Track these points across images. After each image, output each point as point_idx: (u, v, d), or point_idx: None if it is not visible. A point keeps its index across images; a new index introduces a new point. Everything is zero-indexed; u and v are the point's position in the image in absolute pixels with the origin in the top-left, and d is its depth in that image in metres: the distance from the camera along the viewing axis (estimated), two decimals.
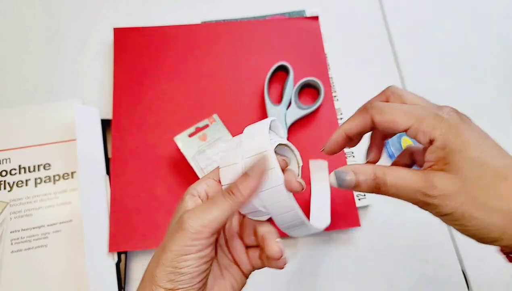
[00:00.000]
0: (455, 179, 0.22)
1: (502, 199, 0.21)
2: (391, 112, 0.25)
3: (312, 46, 0.57)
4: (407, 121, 0.25)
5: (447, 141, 0.23)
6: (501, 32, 0.62)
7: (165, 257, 0.24)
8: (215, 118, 0.50)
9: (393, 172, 0.25)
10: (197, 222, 0.24)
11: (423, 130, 0.24)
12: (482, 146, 0.23)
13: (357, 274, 0.48)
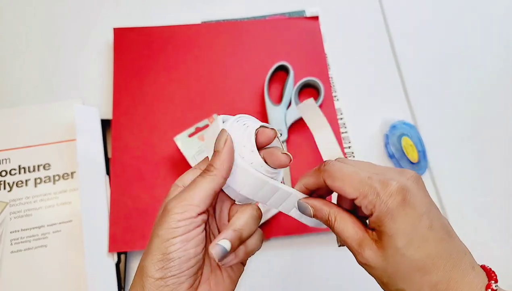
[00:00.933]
0: (380, 258, 0.25)
1: (412, 286, 0.24)
2: (341, 179, 0.27)
3: (312, 46, 0.57)
4: (353, 193, 0.26)
5: (381, 223, 0.25)
6: (501, 32, 0.62)
7: (152, 245, 0.24)
8: (215, 118, 0.50)
9: (340, 222, 0.28)
10: (180, 203, 0.24)
11: (365, 205, 0.26)
12: (410, 235, 0.24)
13: (357, 273, 0.48)
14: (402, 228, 0.24)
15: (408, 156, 0.51)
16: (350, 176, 0.26)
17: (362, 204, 0.26)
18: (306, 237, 0.49)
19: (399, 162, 0.51)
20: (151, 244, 0.24)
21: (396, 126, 0.53)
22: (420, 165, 0.51)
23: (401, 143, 0.51)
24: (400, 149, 0.51)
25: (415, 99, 0.57)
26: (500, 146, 0.55)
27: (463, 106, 0.58)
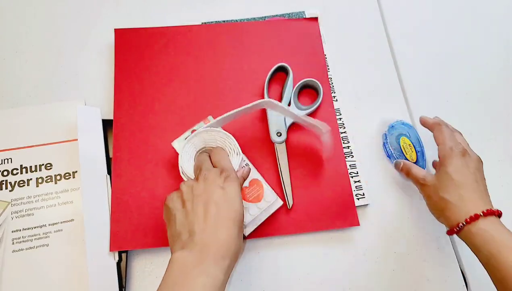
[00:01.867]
0: (435, 178, 0.45)
1: (448, 194, 0.42)
2: (441, 133, 0.46)
3: (311, 47, 0.57)
4: (443, 141, 0.45)
5: (444, 161, 0.44)
6: (500, 32, 0.63)
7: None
8: (209, 119, 0.50)
9: (414, 168, 0.48)
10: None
11: (440, 150, 0.46)
12: (457, 167, 0.43)
13: (356, 274, 0.48)
14: (455, 163, 0.43)
15: (407, 156, 0.52)
16: (447, 136, 0.46)
17: (440, 149, 0.45)
18: (305, 236, 0.49)
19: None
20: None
21: (395, 126, 0.53)
22: (418, 164, 0.51)
23: (400, 143, 0.52)
24: (399, 149, 0.52)
25: (413, 99, 0.57)
26: (500, 145, 0.56)
27: (462, 107, 0.58)
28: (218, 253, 0.33)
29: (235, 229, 0.35)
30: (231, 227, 0.35)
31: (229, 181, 0.38)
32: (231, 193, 0.37)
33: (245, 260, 0.48)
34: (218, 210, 0.35)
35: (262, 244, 0.48)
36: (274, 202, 0.47)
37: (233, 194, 0.37)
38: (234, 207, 0.36)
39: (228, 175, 0.38)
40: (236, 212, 0.36)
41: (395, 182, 0.53)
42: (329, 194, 0.50)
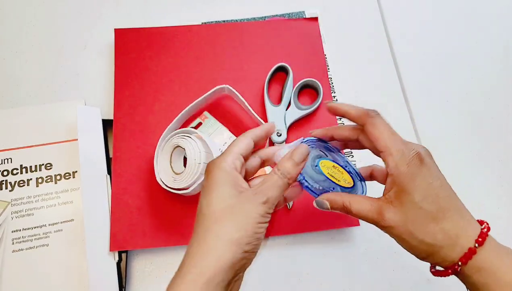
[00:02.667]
0: (400, 215, 0.31)
1: (428, 234, 0.30)
2: (380, 131, 0.33)
3: (311, 47, 0.57)
4: (384, 147, 0.32)
5: (401, 183, 0.31)
6: (500, 33, 0.63)
7: (249, 223, 0.29)
8: (206, 115, 0.51)
9: (355, 204, 0.33)
10: (271, 201, 0.31)
11: (390, 161, 0.31)
12: (426, 191, 0.30)
13: (357, 273, 0.48)
14: (419, 185, 0.30)
15: (340, 183, 0.36)
16: (389, 132, 0.32)
17: (387, 159, 0.32)
18: (305, 236, 0.49)
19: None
20: (248, 222, 0.29)
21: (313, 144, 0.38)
22: (357, 189, 0.37)
23: (321, 169, 0.36)
24: (323, 177, 0.36)
25: (413, 99, 0.57)
26: (500, 145, 0.56)
27: (462, 107, 0.58)
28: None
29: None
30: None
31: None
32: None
33: None
34: None
35: (262, 244, 0.48)
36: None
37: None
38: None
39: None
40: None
41: None
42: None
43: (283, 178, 0.32)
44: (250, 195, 0.30)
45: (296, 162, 0.32)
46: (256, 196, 0.30)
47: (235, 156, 0.32)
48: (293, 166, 0.32)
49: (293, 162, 0.32)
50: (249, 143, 0.34)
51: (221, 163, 0.31)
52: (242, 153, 0.33)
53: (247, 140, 0.34)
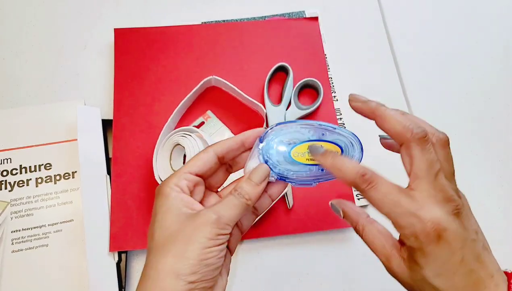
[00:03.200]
0: (408, 276, 0.27)
1: None
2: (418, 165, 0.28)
3: (311, 47, 0.57)
4: (394, 212, 0.27)
5: (413, 253, 0.27)
6: (500, 32, 0.63)
7: (190, 250, 0.25)
8: (209, 114, 0.51)
9: (369, 234, 0.30)
10: (221, 221, 0.27)
11: (401, 231, 0.27)
12: (440, 269, 0.26)
13: (357, 274, 0.48)
14: (433, 263, 0.26)
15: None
16: (396, 191, 0.28)
17: (397, 227, 0.27)
18: (305, 236, 0.49)
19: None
20: (190, 249, 0.25)
21: (270, 136, 0.31)
22: (348, 152, 0.31)
23: (295, 160, 0.31)
24: (302, 165, 0.31)
25: (414, 99, 0.57)
26: (501, 145, 0.56)
27: (462, 107, 0.58)
28: None
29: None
30: None
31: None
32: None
33: (246, 261, 0.47)
34: None
35: (262, 245, 0.48)
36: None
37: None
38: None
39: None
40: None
41: (396, 181, 0.53)
42: (329, 194, 0.49)
43: (240, 198, 0.28)
44: (198, 217, 0.27)
45: (255, 182, 0.29)
46: (204, 216, 0.27)
47: (181, 176, 0.28)
48: (252, 187, 0.29)
49: (252, 183, 0.29)
50: (208, 160, 0.29)
51: (164, 188, 0.28)
52: (194, 170, 0.29)
53: (206, 156, 0.30)
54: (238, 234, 0.32)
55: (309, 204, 0.49)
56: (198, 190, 0.30)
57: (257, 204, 0.32)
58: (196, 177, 0.29)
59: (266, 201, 0.32)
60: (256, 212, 0.33)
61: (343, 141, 0.31)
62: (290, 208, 0.48)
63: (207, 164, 0.30)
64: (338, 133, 0.31)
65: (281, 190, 0.32)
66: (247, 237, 0.47)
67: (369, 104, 0.30)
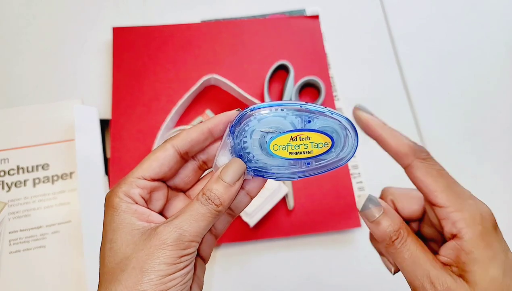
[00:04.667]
0: (466, 288, 0.22)
1: None
2: (435, 179, 0.24)
3: (312, 45, 0.57)
4: (445, 203, 0.23)
5: (474, 248, 0.22)
6: (502, 31, 0.62)
7: (146, 281, 0.21)
8: (208, 114, 0.50)
9: (415, 243, 0.24)
10: (182, 239, 0.22)
11: (454, 222, 0.23)
12: (505, 264, 0.22)
13: (358, 276, 0.47)
14: (498, 254, 0.22)
15: (311, 153, 0.26)
16: (446, 182, 0.24)
17: (448, 218, 0.23)
18: (306, 238, 0.48)
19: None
20: (140, 277, 0.21)
21: (244, 124, 0.26)
22: (338, 142, 0.26)
23: (275, 155, 0.25)
24: (283, 159, 0.26)
25: (416, 98, 0.57)
26: (504, 146, 0.55)
27: (466, 106, 0.57)
28: None
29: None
30: None
31: None
32: None
33: (246, 263, 0.47)
34: None
35: (263, 246, 0.48)
36: (278, 189, 0.46)
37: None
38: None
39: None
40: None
41: (397, 182, 0.52)
42: (331, 195, 0.49)
43: (209, 205, 0.23)
44: (154, 236, 0.22)
45: (228, 183, 0.23)
46: (161, 235, 0.21)
47: (132, 183, 0.23)
48: (224, 188, 0.23)
49: (224, 184, 0.23)
50: (166, 159, 0.24)
51: (112, 198, 0.23)
52: (148, 175, 0.24)
53: (163, 155, 0.24)
54: (212, 239, 0.27)
55: (310, 205, 0.48)
56: (157, 195, 0.25)
57: (232, 205, 0.26)
58: (152, 182, 0.24)
59: (243, 199, 0.26)
60: (232, 213, 0.27)
61: (333, 129, 0.25)
62: (290, 209, 0.48)
63: (165, 164, 0.24)
64: (328, 117, 0.25)
65: (261, 185, 0.27)
66: (246, 238, 0.47)
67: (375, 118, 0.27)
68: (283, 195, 0.46)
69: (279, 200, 0.46)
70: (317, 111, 0.25)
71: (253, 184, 0.26)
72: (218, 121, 0.25)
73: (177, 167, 0.25)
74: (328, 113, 0.25)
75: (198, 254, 0.26)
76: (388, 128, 0.26)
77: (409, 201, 0.27)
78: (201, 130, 0.25)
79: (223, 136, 0.25)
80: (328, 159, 0.26)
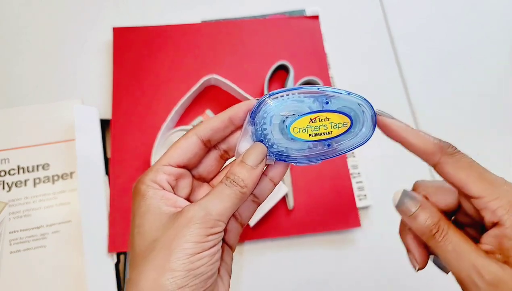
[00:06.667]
0: (509, 271, 0.22)
1: None
2: (468, 172, 0.24)
3: (312, 46, 0.57)
4: (482, 192, 0.23)
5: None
6: (502, 31, 0.62)
7: (174, 260, 0.21)
8: (208, 114, 0.50)
9: (457, 234, 0.23)
10: (208, 217, 0.22)
11: (493, 210, 0.22)
12: None
13: (358, 275, 0.47)
14: None
15: (331, 134, 0.26)
16: (478, 172, 0.24)
17: (487, 207, 0.23)
18: (307, 238, 0.48)
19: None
20: (173, 258, 0.21)
21: (263, 110, 0.26)
22: (356, 124, 0.26)
23: (296, 137, 0.26)
24: (304, 142, 0.26)
25: (416, 99, 0.57)
26: (505, 145, 0.55)
27: (466, 106, 0.57)
28: None
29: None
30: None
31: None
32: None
33: (246, 262, 0.47)
34: None
35: (263, 246, 0.48)
36: (277, 189, 0.46)
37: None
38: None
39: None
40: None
41: (398, 182, 0.52)
42: (331, 195, 0.49)
43: (233, 186, 0.24)
44: (180, 216, 0.22)
45: (251, 165, 0.24)
46: (188, 214, 0.22)
47: (159, 170, 0.25)
48: (247, 171, 0.24)
49: (247, 166, 0.24)
50: (189, 146, 0.25)
51: (139, 186, 0.24)
52: (174, 161, 0.25)
53: (187, 142, 0.25)
54: (237, 227, 0.27)
55: (310, 205, 0.48)
56: (182, 183, 0.26)
57: (256, 191, 0.27)
58: (178, 169, 0.25)
59: (267, 185, 0.27)
60: (257, 199, 0.27)
61: (351, 109, 0.26)
62: (291, 209, 0.48)
63: (189, 151, 0.25)
64: (344, 99, 0.26)
65: (283, 171, 0.27)
66: (246, 238, 0.47)
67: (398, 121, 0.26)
68: (283, 194, 0.47)
69: (279, 200, 0.46)
70: (334, 92, 0.26)
71: (275, 170, 0.27)
72: (238, 109, 0.26)
73: (200, 154, 0.26)
74: (344, 94, 0.26)
75: (225, 241, 0.26)
76: (411, 130, 0.26)
77: (443, 194, 0.26)
78: (222, 119, 0.26)
79: (244, 124, 0.26)
80: (348, 139, 0.26)
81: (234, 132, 0.27)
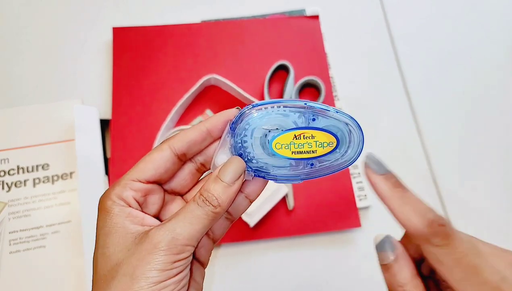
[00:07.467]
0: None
1: None
2: (447, 268, 0.21)
3: (312, 45, 0.57)
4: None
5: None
6: (502, 31, 0.62)
7: (137, 288, 0.19)
8: (208, 114, 0.50)
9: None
10: (175, 242, 0.21)
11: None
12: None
13: (358, 276, 0.47)
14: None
15: (316, 153, 0.24)
16: (473, 266, 0.20)
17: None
18: (307, 238, 0.48)
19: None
20: (131, 285, 0.20)
21: (244, 122, 0.24)
22: (342, 142, 0.25)
23: (278, 154, 0.24)
24: (286, 159, 0.25)
25: (416, 99, 0.57)
26: (505, 145, 0.55)
27: (466, 107, 0.57)
28: None
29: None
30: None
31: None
32: None
33: (246, 263, 0.47)
34: None
35: (263, 246, 0.48)
36: (278, 189, 0.46)
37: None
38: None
39: None
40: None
41: None
42: (331, 195, 0.49)
43: (206, 206, 0.22)
44: (145, 240, 0.21)
45: (227, 183, 0.22)
46: (153, 238, 0.20)
47: (126, 186, 0.23)
48: (222, 189, 0.22)
49: (222, 184, 0.22)
50: (162, 161, 0.23)
51: (104, 201, 0.22)
52: (143, 177, 0.23)
53: (160, 156, 0.23)
54: (209, 243, 0.25)
55: (311, 205, 0.48)
56: (152, 199, 0.24)
57: (230, 208, 0.25)
58: (148, 185, 0.23)
59: (242, 202, 0.25)
60: (231, 217, 0.26)
61: (339, 129, 0.24)
62: (291, 209, 0.48)
63: (161, 166, 0.23)
64: (331, 117, 0.24)
65: (261, 188, 0.25)
66: (246, 238, 0.47)
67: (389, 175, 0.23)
68: (283, 195, 0.46)
69: (279, 200, 0.46)
70: (322, 109, 0.24)
71: (252, 187, 0.25)
72: (216, 121, 0.24)
73: (174, 169, 0.24)
74: (333, 112, 0.24)
75: (196, 258, 0.25)
76: (396, 198, 0.23)
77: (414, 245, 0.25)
78: (199, 131, 0.24)
79: (222, 135, 0.24)
80: (332, 160, 0.24)
81: (212, 144, 0.25)
